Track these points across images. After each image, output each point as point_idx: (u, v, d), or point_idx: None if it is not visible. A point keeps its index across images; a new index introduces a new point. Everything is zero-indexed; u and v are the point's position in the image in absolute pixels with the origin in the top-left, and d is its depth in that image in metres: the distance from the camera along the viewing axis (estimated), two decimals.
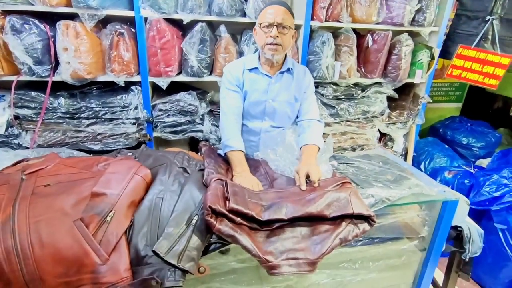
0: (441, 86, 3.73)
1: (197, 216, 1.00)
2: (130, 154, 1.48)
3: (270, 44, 1.36)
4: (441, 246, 1.48)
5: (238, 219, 0.99)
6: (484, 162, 2.91)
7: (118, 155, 1.48)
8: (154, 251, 0.89)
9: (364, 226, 1.03)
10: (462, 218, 1.65)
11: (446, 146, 3.14)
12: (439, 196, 1.34)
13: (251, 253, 0.94)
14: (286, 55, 1.50)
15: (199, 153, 1.57)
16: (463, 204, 1.62)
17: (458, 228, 1.65)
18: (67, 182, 1.11)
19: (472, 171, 2.45)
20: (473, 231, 1.64)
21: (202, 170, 1.27)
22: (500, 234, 2.00)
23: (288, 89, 1.50)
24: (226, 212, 0.96)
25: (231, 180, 1.25)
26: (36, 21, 1.68)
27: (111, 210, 0.97)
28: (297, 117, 1.59)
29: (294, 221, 1.04)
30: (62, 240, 0.90)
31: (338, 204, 1.04)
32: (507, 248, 1.95)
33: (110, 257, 0.91)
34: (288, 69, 1.51)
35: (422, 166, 2.99)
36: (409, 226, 1.47)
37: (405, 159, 2.68)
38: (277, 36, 1.34)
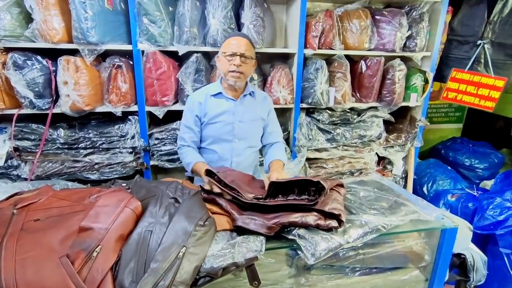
0: (440, 107, 3.74)
1: (184, 247, 0.99)
2: (124, 184, 1.48)
3: (233, 71, 1.47)
4: (444, 275, 1.42)
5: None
6: (488, 184, 2.85)
7: (112, 186, 1.48)
8: None
9: (332, 222, 1.10)
10: (465, 244, 1.60)
11: (449, 167, 3.10)
12: (438, 224, 1.30)
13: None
14: (247, 81, 1.64)
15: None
16: (466, 230, 1.57)
17: (462, 256, 1.60)
18: (57, 216, 1.11)
19: (475, 194, 2.40)
20: (477, 258, 1.58)
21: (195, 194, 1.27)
22: (505, 258, 1.93)
23: (252, 110, 1.62)
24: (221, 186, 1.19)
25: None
26: (39, 57, 1.76)
27: (98, 246, 0.96)
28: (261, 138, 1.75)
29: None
30: (48, 278, 0.89)
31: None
32: None
33: None
34: (250, 93, 1.64)
35: (424, 189, 2.94)
36: (409, 255, 1.42)
37: (406, 182, 2.64)
38: (240, 65, 1.46)
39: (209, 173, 1.25)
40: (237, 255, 1.05)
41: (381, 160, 2.56)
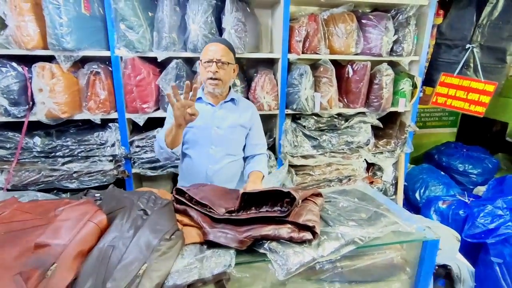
0: (434, 111, 3.69)
1: (145, 264, 0.94)
2: (98, 194, 1.43)
3: (211, 79, 1.47)
4: None
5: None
6: (482, 190, 2.80)
7: (83, 196, 1.43)
8: None
9: (306, 234, 1.05)
10: (452, 255, 1.55)
11: (442, 173, 3.04)
12: (418, 235, 1.25)
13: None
14: (230, 88, 1.64)
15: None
16: (453, 240, 1.52)
17: (448, 267, 1.55)
18: (17, 231, 1.06)
19: (466, 200, 2.34)
20: (463, 269, 1.53)
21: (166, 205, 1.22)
22: (497, 268, 1.87)
23: (232, 117, 1.60)
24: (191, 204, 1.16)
25: None
26: (14, 64, 1.72)
27: (53, 263, 0.91)
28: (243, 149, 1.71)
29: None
30: None
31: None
32: (504, 283, 1.82)
33: None
34: (232, 99, 1.62)
35: (417, 195, 2.88)
36: (390, 268, 1.37)
37: (396, 189, 2.59)
38: (216, 71, 1.46)
39: (179, 191, 1.22)
40: (205, 270, 1.00)
41: (370, 166, 2.51)
